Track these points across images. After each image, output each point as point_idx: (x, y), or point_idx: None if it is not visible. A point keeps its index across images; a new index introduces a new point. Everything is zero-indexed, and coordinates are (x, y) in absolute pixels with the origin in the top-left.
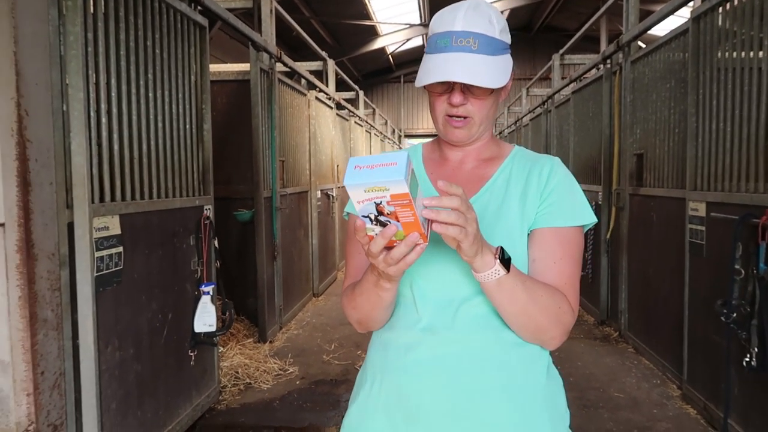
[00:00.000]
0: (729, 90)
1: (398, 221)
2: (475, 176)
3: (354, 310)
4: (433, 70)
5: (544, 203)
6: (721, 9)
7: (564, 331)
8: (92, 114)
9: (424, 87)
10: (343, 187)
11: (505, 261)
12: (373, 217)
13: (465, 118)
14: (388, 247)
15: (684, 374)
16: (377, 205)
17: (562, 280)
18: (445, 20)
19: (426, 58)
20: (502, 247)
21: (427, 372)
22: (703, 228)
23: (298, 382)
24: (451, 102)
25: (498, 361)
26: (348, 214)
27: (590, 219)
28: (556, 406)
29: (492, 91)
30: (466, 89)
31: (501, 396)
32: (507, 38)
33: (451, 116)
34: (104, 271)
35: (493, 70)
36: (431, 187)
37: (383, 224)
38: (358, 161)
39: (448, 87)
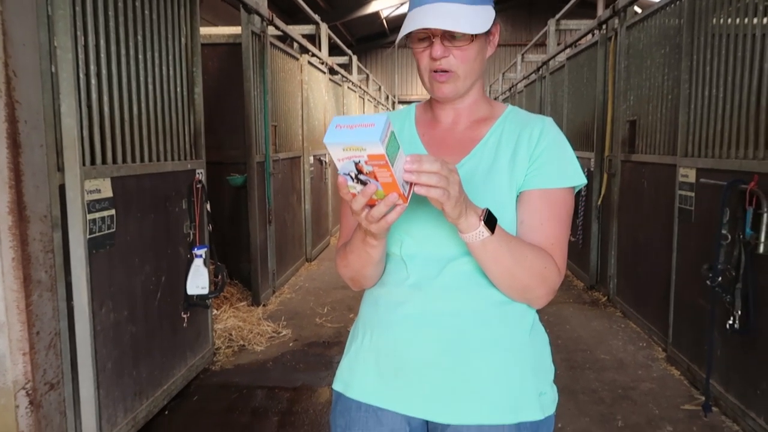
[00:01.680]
0: (723, 56)
1: (377, 181)
2: (467, 138)
3: (346, 268)
4: (409, 23)
5: (533, 165)
6: None
7: (550, 290)
8: (81, 75)
9: (409, 46)
10: None
11: (491, 223)
12: (353, 175)
13: (448, 72)
14: (370, 205)
15: (669, 337)
16: (356, 164)
17: (549, 241)
18: None
19: (407, 16)
20: (488, 209)
21: (415, 326)
22: (693, 194)
23: (291, 344)
24: (432, 55)
25: (482, 318)
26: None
27: (579, 180)
28: (541, 361)
29: (473, 39)
30: (447, 41)
31: (485, 350)
32: None
33: (435, 72)
34: (97, 234)
35: (470, 17)
36: (422, 149)
37: (364, 183)
38: (340, 120)
39: (430, 42)
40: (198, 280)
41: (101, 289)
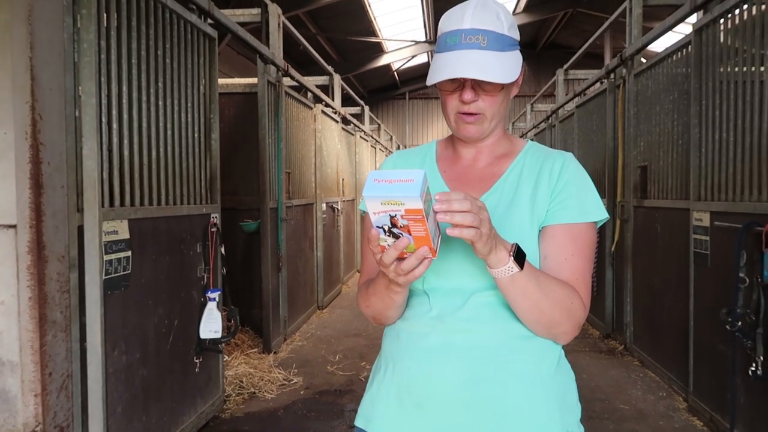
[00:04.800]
0: (731, 100)
1: (410, 234)
2: (488, 174)
3: (368, 308)
4: (443, 68)
5: (555, 200)
6: (722, 20)
7: (575, 325)
8: (104, 120)
9: (435, 85)
10: (349, 201)
11: (520, 258)
12: (386, 228)
13: (476, 114)
14: (399, 258)
15: (690, 386)
16: (392, 217)
17: (573, 276)
18: (453, 18)
19: (436, 57)
20: (517, 245)
21: (437, 359)
22: (707, 238)
23: (302, 392)
24: (462, 99)
25: (506, 351)
26: (363, 212)
27: (601, 215)
28: (566, 398)
29: (503, 87)
30: (477, 86)
31: (508, 385)
32: (516, 35)
33: (462, 113)
34: (113, 275)
35: (503, 66)
36: (444, 186)
37: (396, 236)
38: (378, 175)
39: (459, 84)
40: (211, 324)
41: (115, 330)
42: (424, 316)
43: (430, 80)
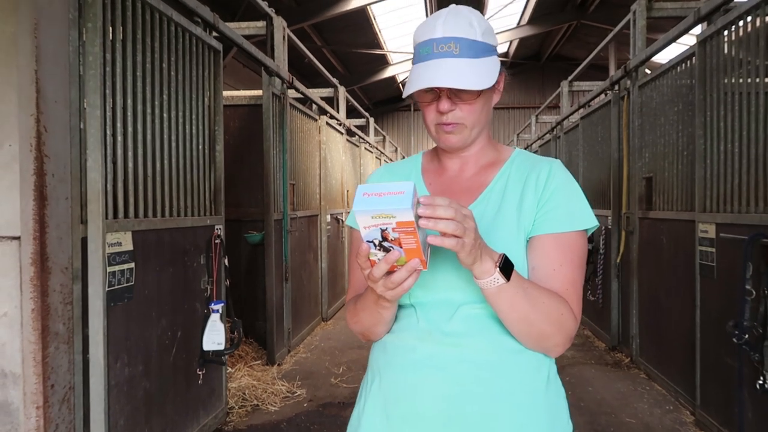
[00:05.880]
0: (736, 111)
1: (401, 247)
2: (474, 184)
3: (357, 324)
4: (416, 79)
5: (542, 209)
6: (726, 32)
7: (566, 337)
8: (108, 132)
9: (413, 98)
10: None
11: (507, 269)
12: (377, 242)
13: (455, 124)
14: (388, 272)
15: (697, 399)
16: (383, 231)
17: (563, 287)
18: (425, 29)
19: (412, 69)
20: (505, 255)
21: (424, 372)
22: (713, 250)
23: (306, 405)
24: (439, 110)
25: (495, 365)
26: (350, 226)
27: (590, 223)
28: (557, 415)
29: (480, 93)
30: (453, 94)
31: (496, 401)
32: (491, 40)
33: (441, 124)
34: (116, 287)
35: (477, 72)
36: None
37: (386, 250)
38: (366, 188)
39: (436, 95)
40: (214, 336)
41: (117, 342)
42: (412, 329)
43: (406, 93)
